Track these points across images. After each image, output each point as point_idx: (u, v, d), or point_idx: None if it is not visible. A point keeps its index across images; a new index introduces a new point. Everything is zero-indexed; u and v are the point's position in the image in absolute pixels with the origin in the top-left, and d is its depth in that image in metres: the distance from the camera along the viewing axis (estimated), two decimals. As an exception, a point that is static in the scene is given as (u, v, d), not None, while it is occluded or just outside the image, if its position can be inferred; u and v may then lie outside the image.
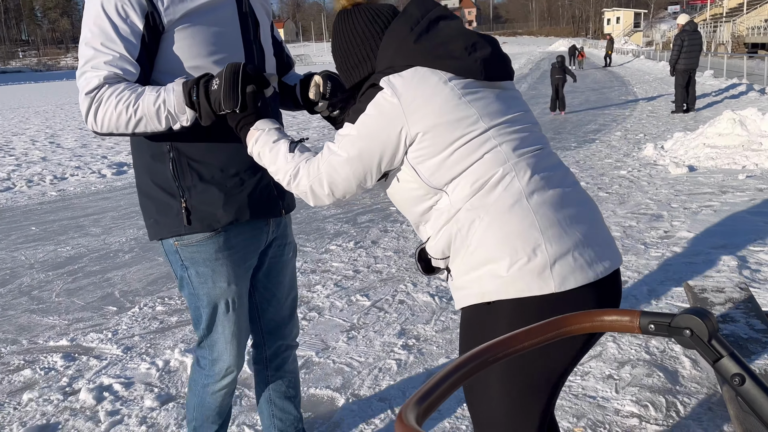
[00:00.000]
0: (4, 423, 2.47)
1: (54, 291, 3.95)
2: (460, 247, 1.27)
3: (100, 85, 1.45)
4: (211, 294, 1.64)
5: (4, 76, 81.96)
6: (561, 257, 1.21)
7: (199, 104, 1.44)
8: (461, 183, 1.26)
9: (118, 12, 1.44)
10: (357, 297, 3.60)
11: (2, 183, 7.71)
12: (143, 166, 1.63)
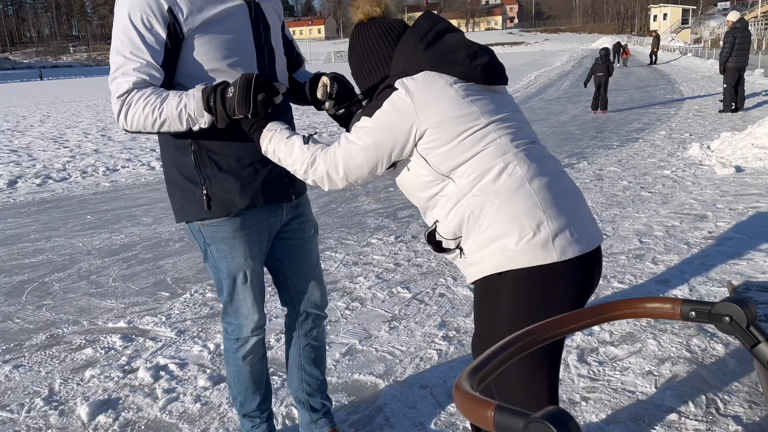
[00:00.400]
0: (68, 397, 2.64)
1: (110, 276, 4.16)
2: (473, 227, 1.44)
3: (129, 89, 1.63)
4: (231, 267, 1.85)
5: (55, 70, 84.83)
6: (560, 232, 1.41)
7: (216, 109, 1.60)
8: (467, 171, 1.45)
9: (143, 23, 1.61)
10: (398, 289, 3.69)
11: (59, 173, 8.06)
12: (169, 157, 1.83)
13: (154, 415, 2.47)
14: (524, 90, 18.93)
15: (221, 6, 1.70)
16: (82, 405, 2.54)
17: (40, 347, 3.13)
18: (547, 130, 10.26)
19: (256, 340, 1.97)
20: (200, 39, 1.67)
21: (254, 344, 1.98)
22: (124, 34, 1.63)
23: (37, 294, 3.88)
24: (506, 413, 0.72)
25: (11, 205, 6.49)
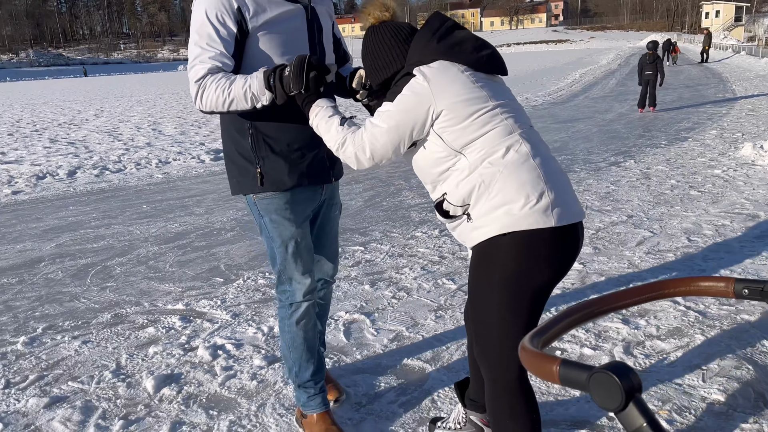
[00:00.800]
0: (134, 371, 2.82)
1: (167, 262, 4.36)
2: (483, 194, 1.63)
3: (205, 75, 1.87)
4: (283, 236, 2.08)
5: (107, 66, 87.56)
6: (558, 202, 1.61)
7: (275, 87, 1.82)
8: (478, 147, 1.63)
9: (217, 19, 1.85)
10: (443, 280, 3.77)
11: (114, 165, 8.41)
12: (230, 138, 2.09)
13: (214, 390, 2.62)
14: (569, 88, 18.69)
15: (282, 8, 1.94)
16: (147, 378, 2.71)
17: (105, 325, 3.33)
18: (592, 128, 10.15)
19: (308, 305, 2.17)
20: (262, 37, 1.91)
21: (306, 308, 2.17)
22: (201, 28, 1.87)
23: (100, 276, 4.11)
24: (570, 367, 0.80)
25: (72, 194, 6.81)
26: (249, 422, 2.37)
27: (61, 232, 5.25)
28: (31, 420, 2.45)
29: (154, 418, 2.42)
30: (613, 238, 4.45)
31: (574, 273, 3.80)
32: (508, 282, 1.61)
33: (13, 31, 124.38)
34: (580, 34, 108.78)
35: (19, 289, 3.94)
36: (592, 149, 8.20)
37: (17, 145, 10.95)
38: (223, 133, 2.13)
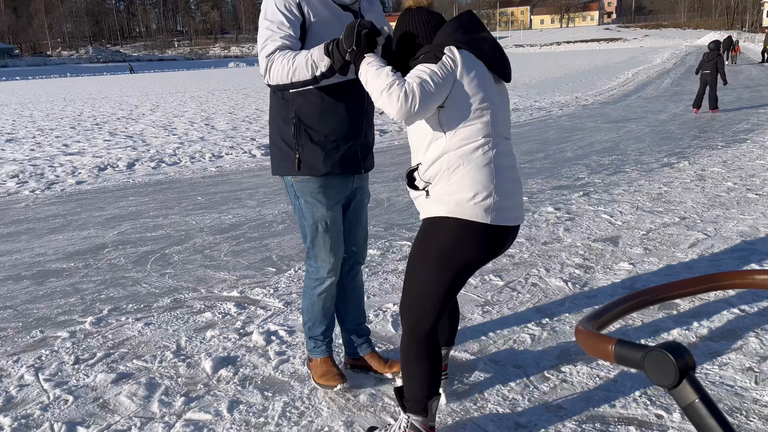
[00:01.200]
0: (193, 352, 2.96)
1: (222, 251, 4.53)
2: (442, 179, 1.88)
3: (274, 50, 2.10)
4: (315, 216, 2.34)
5: (161, 63, 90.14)
6: (499, 205, 1.87)
7: (332, 53, 1.99)
8: (458, 134, 1.85)
9: (286, 8, 2.13)
10: (490, 277, 3.80)
11: (170, 158, 8.72)
12: (276, 125, 2.36)
13: (268, 373, 2.74)
14: (621, 87, 18.29)
15: (335, 13, 2.21)
16: (206, 360, 2.85)
17: (166, 309, 3.50)
18: (645, 128, 9.94)
19: (331, 281, 2.44)
20: (315, 34, 2.16)
21: (329, 285, 2.45)
22: (272, 15, 2.13)
23: (159, 263, 4.30)
24: (626, 347, 0.85)
25: (131, 185, 7.11)
26: (302, 404, 2.47)
27: (122, 220, 5.50)
28: (100, 394, 2.61)
29: (213, 397, 2.55)
30: (664, 240, 4.39)
31: (624, 272, 3.78)
32: (440, 255, 1.91)
33: (73, 28, 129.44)
34: (634, 32, 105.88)
35: (86, 273, 4.17)
36: (644, 150, 8.05)
37: (79, 137, 11.46)
38: (270, 121, 2.40)
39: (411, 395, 2.04)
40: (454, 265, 1.91)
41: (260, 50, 2.15)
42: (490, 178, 1.86)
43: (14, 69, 76.31)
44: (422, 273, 1.96)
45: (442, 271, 1.92)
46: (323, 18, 2.17)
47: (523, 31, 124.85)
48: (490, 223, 1.87)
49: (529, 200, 5.67)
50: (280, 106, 2.32)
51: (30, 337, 3.18)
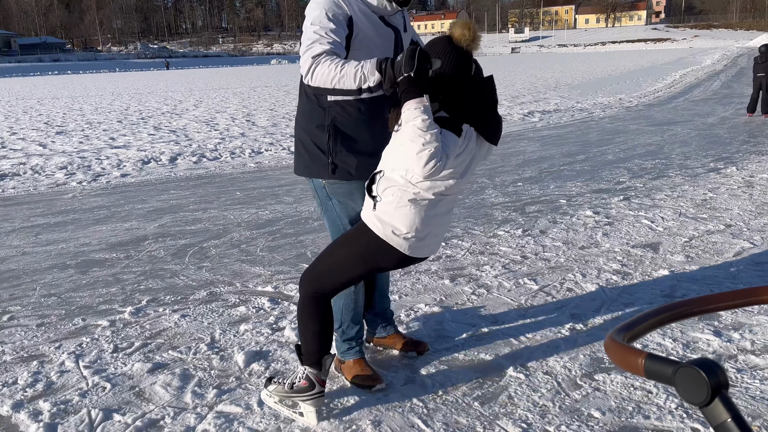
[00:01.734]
0: (227, 345, 3.01)
1: (258, 246, 4.59)
2: (391, 206, 2.12)
3: (321, 53, 2.13)
4: (350, 216, 2.47)
5: (205, 59, 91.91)
6: (419, 243, 2.17)
7: (386, 70, 2.01)
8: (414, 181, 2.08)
9: (335, 17, 2.20)
10: (524, 280, 3.75)
11: (211, 153, 8.88)
12: (307, 129, 2.44)
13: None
14: (667, 89, 17.82)
15: (380, 30, 2.33)
16: (238, 353, 2.89)
17: (201, 302, 3.57)
18: (691, 132, 9.66)
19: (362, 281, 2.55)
20: (358, 48, 2.27)
21: (361, 284, 2.58)
22: (319, 20, 2.18)
23: (197, 257, 4.39)
24: (656, 361, 0.83)
25: (173, 179, 7.28)
26: (331, 401, 2.49)
27: (163, 213, 5.64)
28: (136, 383, 2.68)
29: (244, 390, 2.59)
30: (708, 248, 4.26)
31: (664, 279, 3.69)
32: (361, 253, 2.21)
33: (123, 25, 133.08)
34: (683, 33, 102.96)
35: (127, 263, 4.28)
36: (689, 154, 7.82)
37: (125, 131, 11.78)
38: (300, 124, 2.48)
39: (307, 350, 2.34)
40: (367, 265, 2.24)
41: (305, 51, 2.17)
42: (424, 225, 2.15)
43: (66, 63, 78.93)
44: (339, 256, 2.25)
45: (357, 265, 2.23)
46: (368, 35, 2.28)
47: (567, 30, 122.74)
48: (407, 255, 2.20)
49: (567, 203, 5.58)
50: (314, 112, 2.40)
51: (72, 325, 3.29)
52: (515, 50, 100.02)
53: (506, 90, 19.36)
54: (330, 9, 2.19)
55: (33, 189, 6.88)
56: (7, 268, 4.23)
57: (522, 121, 11.85)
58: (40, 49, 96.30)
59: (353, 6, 2.27)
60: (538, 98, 16.21)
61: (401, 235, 2.13)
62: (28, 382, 2.69)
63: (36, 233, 5.09)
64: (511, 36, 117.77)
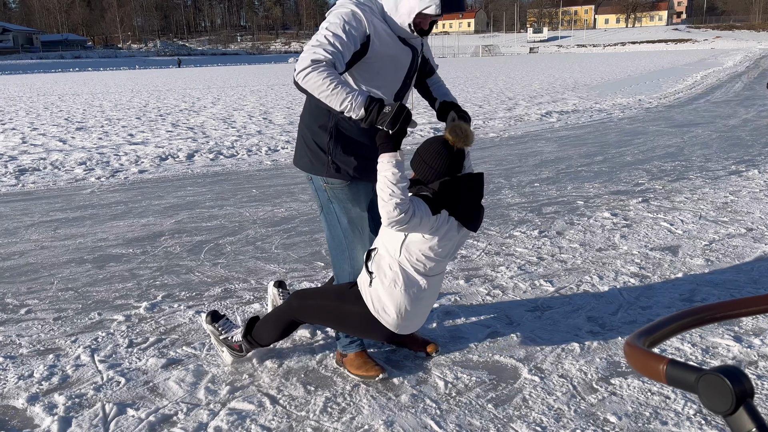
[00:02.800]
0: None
1: (273, 244, 4.60)
2: (382, 286, 2.37)
3: (322, 60, 2.13)
4: (350, 218, 2.55)
5: (224, 57, 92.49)
6: (405, 323, 2.42)
7: (371, 112, 2.12)
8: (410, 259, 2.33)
9: (350, 31, 2.20)
10: (540, 282, 3.71)
11: (228, 150, 8.92)
12: (310, 128, 2.47)
13: (312, 366, 2.76)
14: (688, 91, 17.58)
15: (399, 49, 2.36)
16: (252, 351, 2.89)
17: (216, 298, 3.58)
18: (712, 134, 9.51)
19: None
20: (374, 63, 2.31)
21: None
22: (335, 29, 2.18)
23: (213, 253, 4.41)
24: (678, 367, 0.80)
25: (189, 176, 7.32)
26: (344, 400, 2.48)
27: (180, 209, 5.67)
28: (150, 378, 2.69)
29: (257, 387, 2.59)
30: (728, 251, 4.18)
31: (683, 283, 3.63)
32: (353, 318, 2.45)
33: (143, 22, 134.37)
34: (704, 33, 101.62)
35: (143, 259, 4.31)
36: (710, 156, 7.70)
37: (144, 128, 11.88)
38: (304, 121, 2.52)
39: (256, 334, 2.64)
40: (355, 330, 2.50)
41: (308, 50, 2.17)
42: (413, 307, 2.39)
43: (87, 60, 79.91)
44: (332, 306, 2.48)
45: (343, 320, 2.48)
46: (383, 54, 2.30)
47: (587, 30, 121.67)
48: (394, 332, 2.43)
49: (584, 204, 5.52)
50: (319, 112, 2.44)
51: (88, 319, 3.32)
52: (533, 50, 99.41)
53: (524, 90, 19.24)
54: (349, 22, 2.20)
55: (52, 184, 6.96)
56: (25, 262, 4.28)
57: (540, 122, 11.76)
58: (61, 46, 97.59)
59: (375, 25, 2.26)
60: (556, 98, 16.08)
61: (391, 315, 2.38)
62: (43, 376, 2.71)
63: (54, 228, 5.14)
64: (529, 36, 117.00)
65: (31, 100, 19.89)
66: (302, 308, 2.54)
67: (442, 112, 2.62)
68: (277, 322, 2.61)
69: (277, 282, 3.02)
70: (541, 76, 27.06)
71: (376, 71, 2.34)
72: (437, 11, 2.22)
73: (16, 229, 5.11)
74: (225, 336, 2.73)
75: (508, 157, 8.06)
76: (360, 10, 2.24)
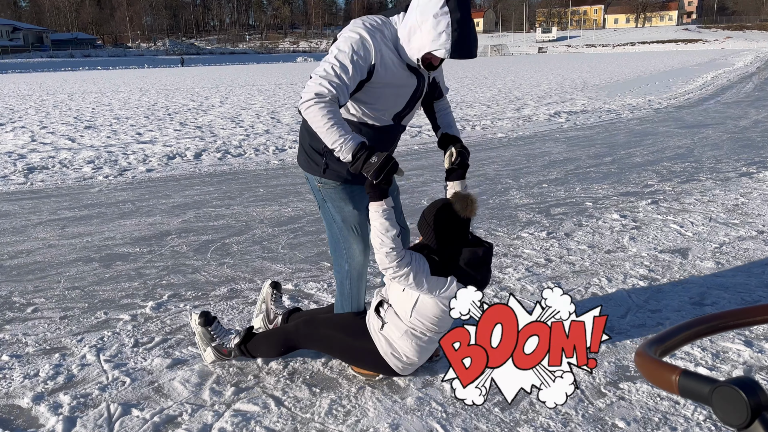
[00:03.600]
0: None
1: (280, 244, 4.59)
2: (394, 333, 2.45)
3: (325, 95, 2.18)
4: (345, 217, 2.59)
5: (232, 56, 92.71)
6: (411, 367, 2.53)
7: (358, 159, 2.19)
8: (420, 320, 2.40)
9: (357, 61, 2.23)
10: (548, 284, 3.68)
11: (235, 150, 8.93)
12: (309, 132, 2.48)
13: (317, 368, 2.74)
14: (698, 91, 17.45)
15: (404, 78, 2.37)
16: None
17: (222, 298, 3.57)
18: (722, 135, 9.43)
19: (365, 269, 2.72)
20: (376, 89, 2.34)
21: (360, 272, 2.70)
22: (342, 59, 2.22)
23: (219, 253, 4.40)
24: (692, 378, 0.78)
25: (197, 175, 7.33)
26: (348, 402, 2.46)
27: (187, 209, 5.67)
28: (155, 378, 2.69)
29: (262, 389, 2.58)
30: (739, 254, 4.14)
31: (693, 286, 3.59)
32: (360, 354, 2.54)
33: (152, 21, 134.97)
34: (715, 33, 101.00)
35: (149, 258, 4.31)
36: (720, 157, 7.63)
37: (152, 126, 11.91)
38: (303, 126, 2.59)
39: (252, 346, 2.65)
40: (360, 359, 2.56)
41: (316, 79, 2.20)
42: (421, 356, 2.48)
43: (96, 59, 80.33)
44: (338, 338, 2.54)
45: (352, 354, 2.56)
46: (385, 83, 2.33)
47: (596, 30, 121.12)
48: (400, 375, 2.54)
49: (593, 206, 5.48)
50: None
51: (94, 318, 3.32)
52: (542, 50, 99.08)
53: (532, 90, 19.17)
54: (357, 51, 2.22)
55: (61, 182, 6.99)
56: (33, 260, 4.30)
57: (548, 122, 11.70)
58: (71, 44, 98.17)
59: (383, 53, 2.28)
60: (564, 99, 16.00)
61: (400, 359, 2.46)
62: (49, 375, 2.71)
63: (62, 226, 5.16)
64: (538, 36, 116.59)
65: (40, 99, 20.01)
66: (309, 336, 2.58)
67: (443, 143, 2.66)
68: (279, 342, 2.63)
69: (273, 283, 3.01)
70: (549, 76, 26.96)
71: (377, 96, 2.38)
72: (446, 56, 2.21)
73: (24, 228, 5.13)
74: (218, 342, 2.73)
75: (516, 158, 8.02)
76: (370, 37, 2.25)
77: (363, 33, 2.26)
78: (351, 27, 2.30)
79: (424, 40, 2.20)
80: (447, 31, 2.15)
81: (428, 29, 2.17)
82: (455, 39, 2.16)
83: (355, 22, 2.33)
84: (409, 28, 2.24)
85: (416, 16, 2.20)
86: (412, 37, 2.24)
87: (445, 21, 2.14)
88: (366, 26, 2.29)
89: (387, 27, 2.32)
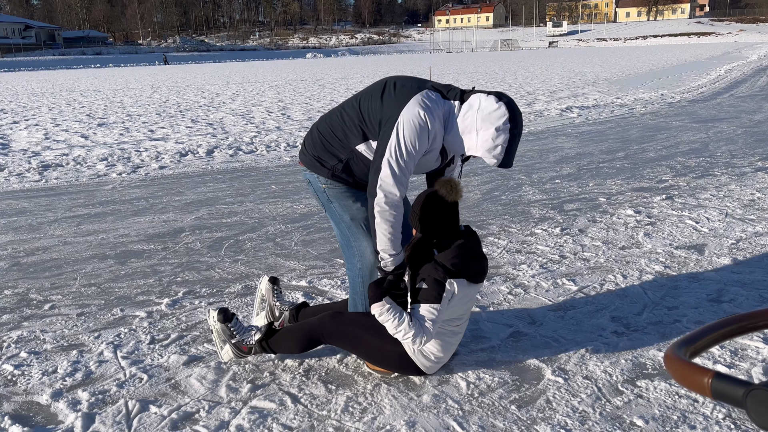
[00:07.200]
0: (261, 339, 3.00)
1: (293, 240, 4.60)
2: None
3: (397, 199, 2.37)
4: (353, 215, 2.60)
5: (242, 53, 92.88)
6: (436, 366, 2.58)
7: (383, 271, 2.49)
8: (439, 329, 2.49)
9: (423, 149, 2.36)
10: (563, 281, 3.66)
11: (247, 146, 8.95)
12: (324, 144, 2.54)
13: (333, 365, 2.74)
14: (711, 85, 17.27)
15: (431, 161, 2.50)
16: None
17: (236, 295, 3.58)
18: (737, 129, 9.33)
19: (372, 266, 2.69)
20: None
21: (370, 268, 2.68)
22: (412, 148, 2.32)
23: (233, 249, 4.42)
24: (725, 381, 0.77)
25: (209, 172, 7.35)
26: (365, 399, 2.46)
27: (200, 206, 5.70)
28: (172, 374, 2.70)
29: (278, 386, 2.58)
30: (756, 250, 4.09)
31: (709, 282, 3.55)
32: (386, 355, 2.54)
33: (163, 19, 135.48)
34: (728, 26, 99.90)
35: (164, 255, 4.33)
36: (735, 152, 7.55)
37: (164, 124, 11.97)
38: (321, 132, 2.56)
39: (275, 342, 2.64)
40: (385, 360, 2.55)
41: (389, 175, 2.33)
42: (446, 353, 2.55)
43: (108, 56, 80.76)
44: (365, 339, 2.53)
45: (377, 355, 2.55)
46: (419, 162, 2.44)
47: (607, 24, 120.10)
48: (423, 371, 2.57)
49: (607, 201, 5.44)
50: (339, 140, 2.51)
51: (111, 315, 3.34)
52: (552, 44, 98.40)
53: (543, 85, 19.05)
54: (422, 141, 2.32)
55: (75, 180, 7.04)
56: (49, 258, 4.33)
57: (560, 117, 11.63)
58: (83, 42, 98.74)
59: (435, 138, 2.38)
60: (576, 93, 15.89)
61: (428, 359, 2.51)
62: (67, 371, 2.74)
63: (77, 223, 5.20)
64: (548, 29, 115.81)
65: (53, 96, 20.16)
66: (336, 332, 2.56)
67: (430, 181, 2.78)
68: (303, 337, 2.61)
69: (272, 278, 2.98)
70: (560, 71, 26.78)
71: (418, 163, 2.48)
72: (494, 165, 2.36)
73: (40, 225, 5.17)
74: (239, 339, 2.68)
75: (528, 153, 7.98)
76: (431, 124, 2.32)
77: (429, 119, 2.32)
78: (418, 103, 2.33)
79: (479, 145, 2.32)
80: (504, 146, 2.30)
81: (486, 138, 2.29)
82: (507, 153, 2.33)
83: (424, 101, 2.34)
84: (466, 127, 2.34)
85: (477, 121, 2.30)
86: (466, 137, 2.35)
87: (505, 137, 2.29)
88: (431, 105, 2.34)
89: (444, 105, 2.39)
